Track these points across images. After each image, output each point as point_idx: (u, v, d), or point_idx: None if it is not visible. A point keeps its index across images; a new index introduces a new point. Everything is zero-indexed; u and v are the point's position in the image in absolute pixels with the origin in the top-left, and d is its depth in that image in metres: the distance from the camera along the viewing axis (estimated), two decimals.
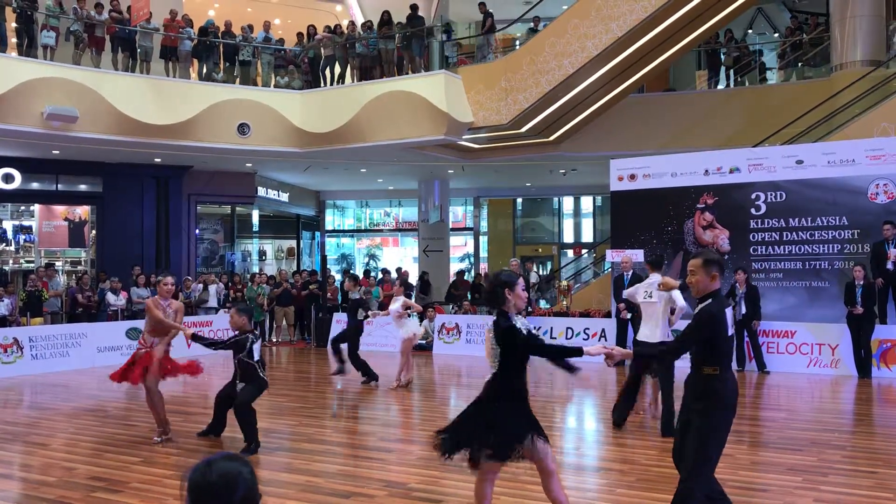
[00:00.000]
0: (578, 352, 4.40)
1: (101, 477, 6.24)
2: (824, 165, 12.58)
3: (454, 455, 4.38)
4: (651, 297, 7.70)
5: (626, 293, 8.63)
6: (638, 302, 7.91)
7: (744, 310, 12.22)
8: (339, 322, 16.41)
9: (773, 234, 12.99)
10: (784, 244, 12.92)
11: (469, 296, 17.52)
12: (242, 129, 15.90)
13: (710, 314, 4.31)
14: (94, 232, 19.10)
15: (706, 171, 13.54)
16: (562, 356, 4.70)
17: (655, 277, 7.86)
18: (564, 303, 16.29)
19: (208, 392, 10.38)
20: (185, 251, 19.91)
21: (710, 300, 4.48)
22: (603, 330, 13.60)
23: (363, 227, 28.05)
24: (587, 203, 25.75)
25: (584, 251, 23.93)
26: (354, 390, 10.97)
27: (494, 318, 4.43)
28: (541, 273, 22.41)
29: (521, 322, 4.43)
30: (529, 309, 11.28)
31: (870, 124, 13.37)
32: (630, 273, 11.95)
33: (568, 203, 26.05)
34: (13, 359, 12.51)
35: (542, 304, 18.76)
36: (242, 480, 1.86)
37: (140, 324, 14.57)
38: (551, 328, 14.03)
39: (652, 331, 7.60)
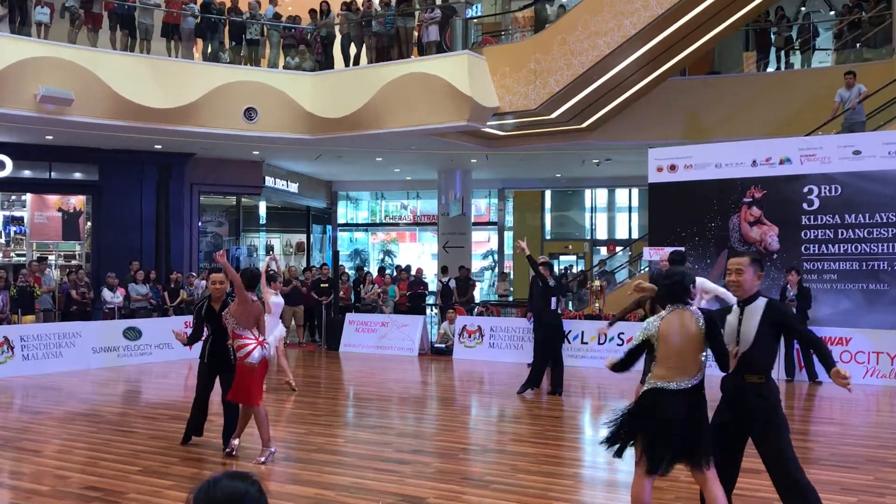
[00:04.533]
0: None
1: (97, 487, 6.32)
2: (884, 156, 12.43)
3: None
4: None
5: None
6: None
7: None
8: (351, 323, 16.49)
9: (827, 231, 12.87)
10: (839, 243, 12.80)
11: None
12: (249, 113, 15.98)
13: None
14: (89, 224, 19.29)
15: (754, 161, 13.44)
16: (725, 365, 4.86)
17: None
18: (597, 305, 16.22)
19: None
20: (186, 245, 20.05)
21: (757, 299, 4.54)
22: None
23: (378, 221, 28.11)
24: (623, 196, 25.62)
25: (618, 249, 23.82)
26: (368, 397, 11.02)
27: (694, 308, 4.71)
28: (569, 272, 22.35)
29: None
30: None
31: None
32: None
33: (601, 196, 25.92)
34: (4, 359, 12.67)
35: (572, 306, 18.71)
36: (250, 500, 1.89)
37: (138, 322, 14.76)
38: (582, 333, 14.01)
39: None
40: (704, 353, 4.66)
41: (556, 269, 17.64)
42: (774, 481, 4.60)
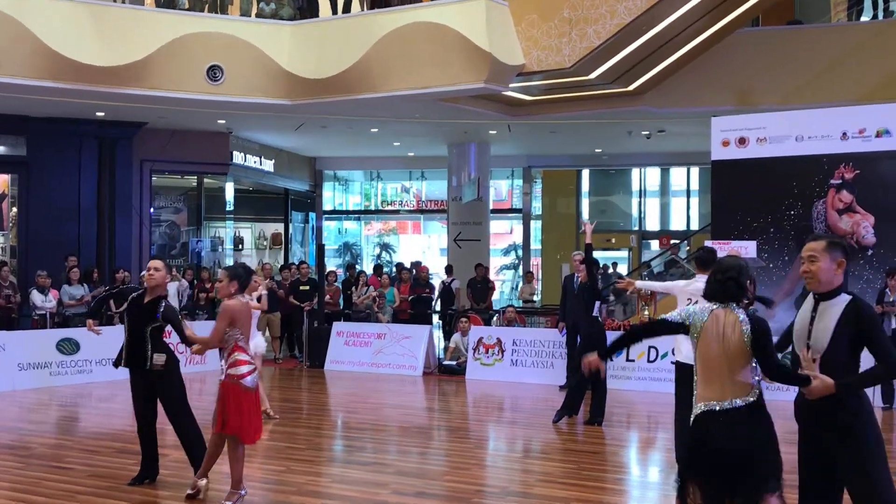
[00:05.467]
0: (805, 381, 4.66)
1: None
2: None
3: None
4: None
5: (662, 285, 9.27)
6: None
7: (894, 324, 12.06)
8: (340, 334, 16.50)
9: None
10: None
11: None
12: (213, 73, 15.99)
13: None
14: (14, 210, 19.35)
15: (844, 134, 13.36)
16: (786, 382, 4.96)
17: (699, 282, 8.06)
18: (646, 312, 16.20)
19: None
20: (135, 236, 20.10)
21: (839, 295, 4.54)
22: None
23: (373, 208, 28.14)
24: (679, 177, 25.56)
25: (673, 242, 23.76)
26: (361, 426, 11.03)
27: (739, 310, 4.76)
28: (612, 271, 22.33)
29: None
30: (597, 315, 11.25)
31: None
32: None
33: (653, 177, 25.87)
34: None
35: (618, 314, 18.67)
36: None
37: (75, 333, 14.78)
38: (627, 348, 13.94)
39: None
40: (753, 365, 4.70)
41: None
42: None
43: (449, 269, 19.65)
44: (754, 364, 4.68)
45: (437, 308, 18.56)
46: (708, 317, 4.76)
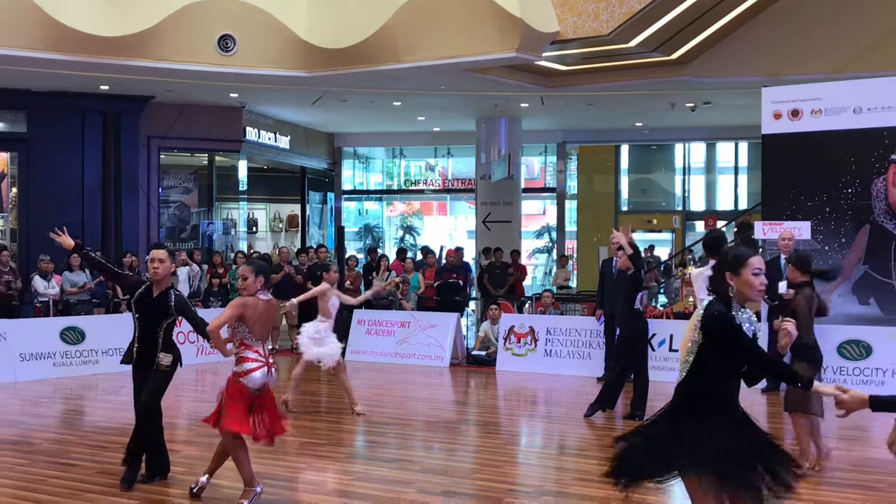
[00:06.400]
0: (807, 384, 4.73)
1: None
2: None
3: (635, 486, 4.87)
4: None
5: (694, 273, 9.77)
6: (698, 298, 8.55)
7: None
8: (360, 323, 16.56)
9: None
10: None
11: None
12: (225, 43, 16.02)
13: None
14: (14, 190, 19.50)
15: None
16: (785, 380, 5.12)
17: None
18: (690, 299, 16.13)
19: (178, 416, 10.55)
20: (143, 218, 20.22)
21: None
22: None
23: (396, 187, 28.14)
24: (726, 152, 25.39)
25: (720, 223, 23.65)
26: (384, 420, 11.06)
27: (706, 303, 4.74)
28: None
29: (746, 319, 4.70)
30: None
31: None
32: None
33: (697, 152, 25.72)
34: None
35: (660, 301, 18.63)
36: None
37: (79, 321, 14.90)
38: (670, 337, 13.92)
39: None
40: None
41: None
42: None
43: (486, 252, 19.69)
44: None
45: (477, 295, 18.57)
46: None
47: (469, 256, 20.46)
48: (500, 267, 18.69)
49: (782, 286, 9.97)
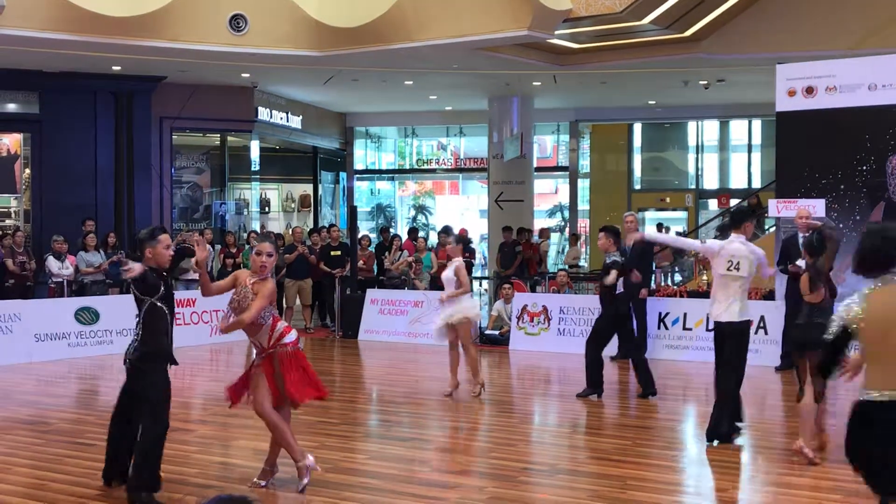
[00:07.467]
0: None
1: None
2: None
3: None
4: (738, 268, 8.32)
5: (692, 244, 10.21)
6: (718, 273, 8.49)
7: None
8: (374, 302, 16.57)
9: None
10: None
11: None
12: (236, 22, 15.99)
13: None
14: (27, 171, 19.55)
15: None
16: None
17: (736, 242, 8.43)
18: (704, 278, 16.11)
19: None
20: (155, 199, 20.24)
21: None
22: (763, 318, 13.41)
23: (408, 167, 28.12)
24: (740, 130, 25.31)
25: (734, 201, 23.60)
26: (398, 400, 11.11)
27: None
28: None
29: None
30: (653, 287, 11.17)
31: None
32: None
33: (711, 130, 25.64)
34: None
35: (675, 279, 18.61)
36: None
37: (94, 301, 14.95)
38: (684, 315, 13.88)
39: (726, 308, 8.32)
40: None
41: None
42: None
43: (507, 231, 19.77)
44: None
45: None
46: (866, 301, 4.63)
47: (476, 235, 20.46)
48: (508, 246, 18.66)
49: (801, 264, 9.93)
